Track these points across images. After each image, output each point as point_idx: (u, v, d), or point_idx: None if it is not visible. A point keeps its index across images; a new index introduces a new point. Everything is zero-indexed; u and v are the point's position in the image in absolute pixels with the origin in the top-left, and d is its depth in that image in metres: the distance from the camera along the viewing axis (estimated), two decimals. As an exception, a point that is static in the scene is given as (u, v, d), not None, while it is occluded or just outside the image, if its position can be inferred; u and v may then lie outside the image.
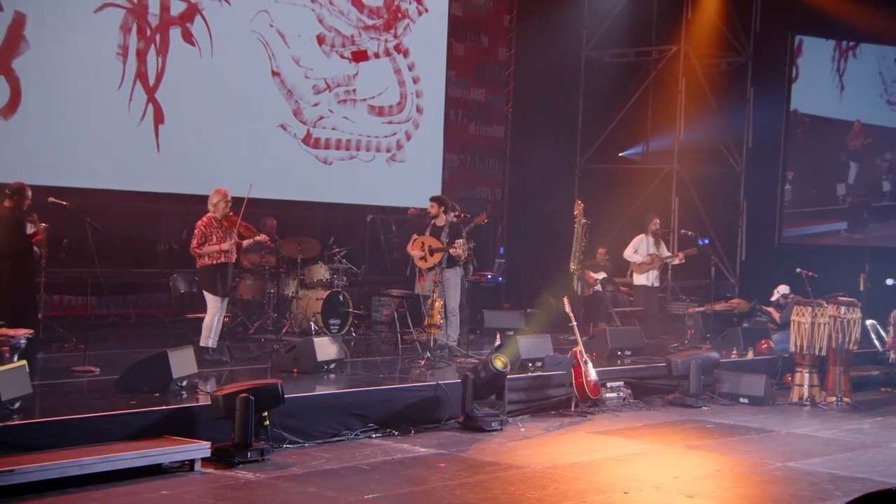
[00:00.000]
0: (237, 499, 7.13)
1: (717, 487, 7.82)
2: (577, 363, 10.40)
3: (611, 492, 7.52)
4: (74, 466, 7.25)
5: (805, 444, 9.55)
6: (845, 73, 17.97)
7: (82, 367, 9.86)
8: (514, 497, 7.31)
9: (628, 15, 17.80)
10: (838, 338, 11.42)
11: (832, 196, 17.98)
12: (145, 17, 13.02)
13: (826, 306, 11.50)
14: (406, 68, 15.98)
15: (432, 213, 11.84)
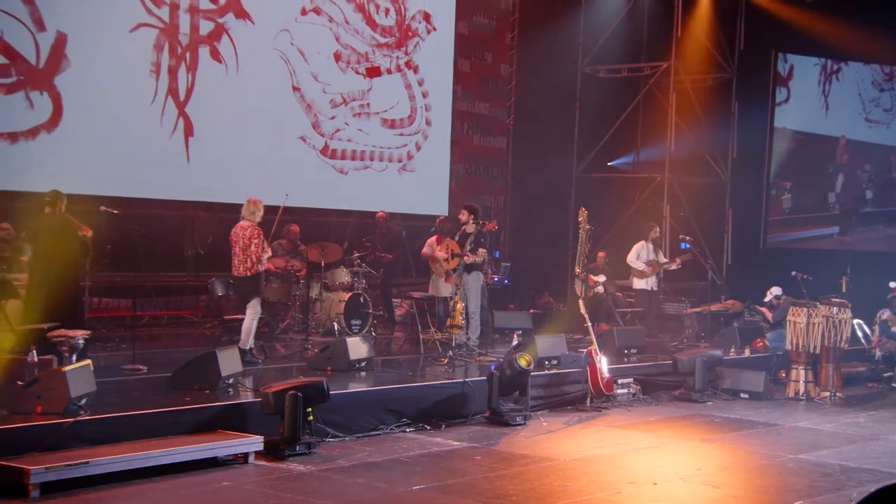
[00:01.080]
0: (294, 490, 7.19)
1: (738, 479, 7.88)
2: (593, 361, 10.52)
3: (640, 483, 7.58)
4: (141, 459, 7.34)
5: (810, 437, 9.62)
6: (830, 94, 18.50)
7: (131, 365, 9.92)
8: (552, 488, 7.38)
9: (621, 33, 17.97)
10: (831, 336, 11.57)
11: (825, 204, 18.46)
12: (176, 37, 13.08)
13: (820, 307, 11.64)
14: (416, 83, 16.08)
15: (462, 220, 11.88)
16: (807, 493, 7.38)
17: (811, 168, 18.41)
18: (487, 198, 17.57)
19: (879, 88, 18.63)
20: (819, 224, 18.32)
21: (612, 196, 18.15)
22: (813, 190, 18.44)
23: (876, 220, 18.44)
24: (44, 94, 11.92)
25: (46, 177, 11.83)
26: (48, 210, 9.78)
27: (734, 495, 7.37)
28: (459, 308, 11.30)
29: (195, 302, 14.19)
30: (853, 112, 18.37)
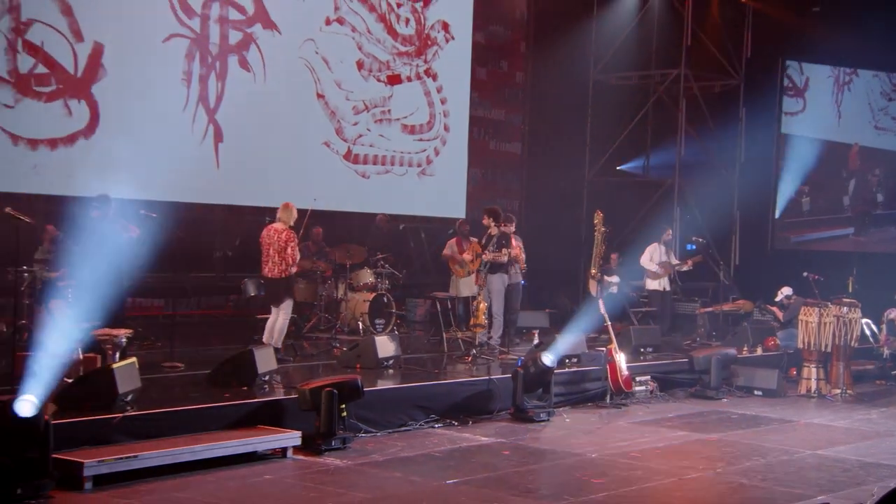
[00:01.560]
0: (333, 483, 7.26)
1: (761, 474, 7.87)
2: (612, 359, 10.59)
3: (668, 477, 7.63)
4: (187, 453, 7.43)
5: (825, 433, 9.66)
6: (842, 104, 18.70)
7: (169, 362, 9.99)
8: (581, 482, 7.44)
9: (632, 42, 17.99)
10: (842, 335, 11.61)
11: (840, 206, 18.68)
12: (207, 47, 13.17)
13: (831, 307, 11.69)
14: (435, 90, 16.15)
15: (486, 224, 11.95)
16: (829, 488, 7.41)
17: (826, 173, 18.66)
18: (503, 201, 17.57)
19: (888, 98, 18.89)
20: (835, 225, 18.53)
21: (623, 199, 18.14)
22: (829, 193, 18.68)
23: (886, 222, 18.67)
24: (81, 102, 12.03)
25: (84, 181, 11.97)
26: (96, 213, 9.89)
27: (759, 490, 7.40)
28: (483, 308, 11.37)
29: (224, 302, 14.28)
30: (864, 120, 18.65)
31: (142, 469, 7.12)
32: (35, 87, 11.59)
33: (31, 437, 6.64)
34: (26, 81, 11.49)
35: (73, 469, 6.84)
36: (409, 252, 16.30)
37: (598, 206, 15.66)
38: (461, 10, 16.44)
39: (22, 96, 11.47)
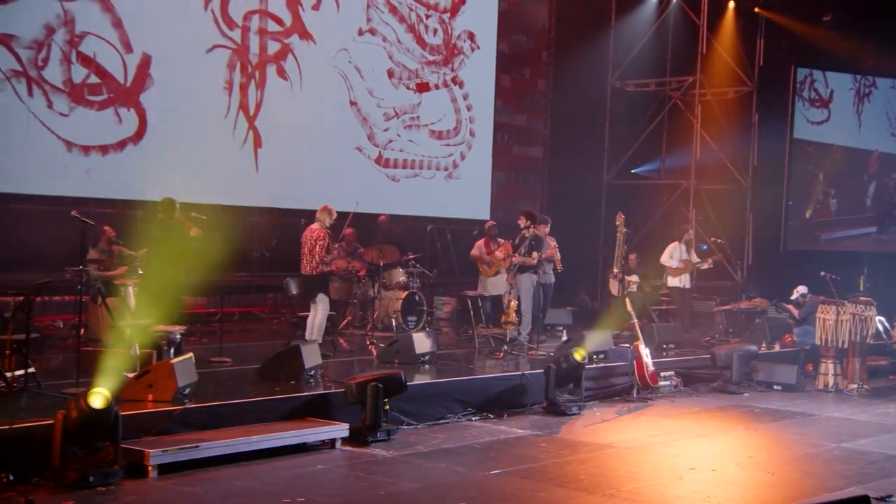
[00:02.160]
0: (382, 473, 7.32)
1: (790, 466, 7.89)
2: (639, 355, 10.64)
3: (700, 469, 7.63)
4: (244, 444, 7.53)
5: (847, 426, 9.64)
6: (862, 113, 19.02)
7: (218, 357, 10.10)
8: (617, 473, 7.48)
9: (649, 50, 18.06)
10: (858, 332, 11.62)
11: (863, 207, 19.00)
12: (247, 57, 13.29)
13: (848, 305, 11.70)
14: (461, 98, 16.24)
15: (522, 226, 12.00)
16: (857, 480, 7.41)
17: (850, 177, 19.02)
18: (525, 203, 17.62)
19: None
20: (860, 225, 18.85)
21: (639, 201, 18.20)
22: (852, 196, 19.01)
23: None
24: (130, 110, 12.18)
25: (133, 185, 12.18)
26: (161, 216, 10.02)
27: (790, 481, 7.41)
28: (513, 306, 11.44)
29: (262, 300, 14.37)
30: (882, 128, 19.03)
31: (202, 459, 7.21)
32: (88, 97, 11.74)
33: (102, 427, 6.76)
34: (80, 91, 11.63)
35: (138, 458, 6.95)
36: (435, 252, 16.40)
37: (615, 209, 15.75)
38: (486, 21, 16.53)
39: (76, 105, 11.62)
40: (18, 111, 11.12)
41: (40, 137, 11.32)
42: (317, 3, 14.10)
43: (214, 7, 12.90)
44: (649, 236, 16.60)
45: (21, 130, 11.16)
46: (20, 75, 11.10)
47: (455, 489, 6.88)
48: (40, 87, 11.27)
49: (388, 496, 6.70)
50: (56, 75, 11.41)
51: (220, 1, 12.98)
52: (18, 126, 11.14)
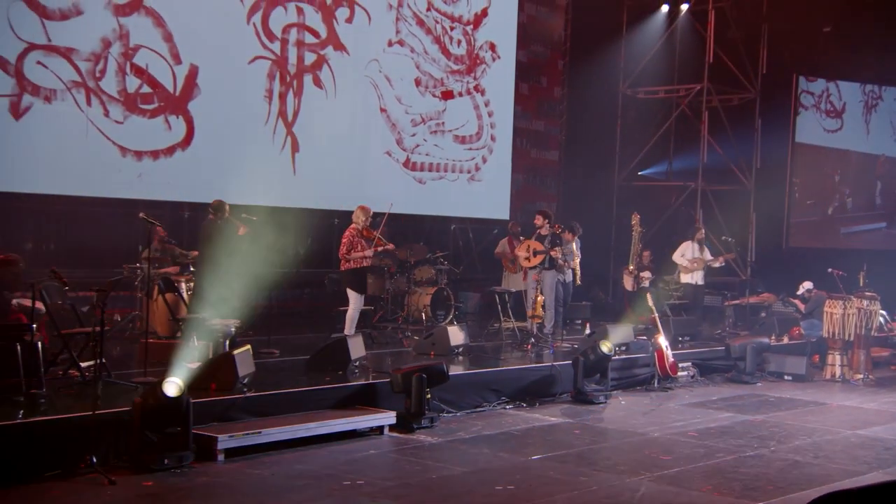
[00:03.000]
0: (431, 458, 7.42)
1: (812, 452, 7.88)
2: (660, 347, 10.74)
3: (728, 454, 7.69)
4: (302, 430, 7.66)
5: (859, 414, 9.68)
6: (870, 122, 19.48)
7: (266, 349, 10.20)
8: (651, 459, 7.54)
9: (658, 59, 18.16)
10: (863, 325, 11.70)
11: (873, 205, 19.44)
12: (286, 67, 13.37)
13: (854, 299, 11.78)
14: (483, 104, 16.30)
15: (538, 224, 12.09)
16: (877, 465, 7.46)
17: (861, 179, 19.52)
18: (542, 204, 17.72)
19: None
20: (871, 220, 19.30)
21: (649, 202, 18.27)
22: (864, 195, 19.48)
23: None
24: (179, 118, 12.26)
25: (181, 188, 12.31)
26: (211, 217, 10.14)
27: (815, 467, 7.42)
28: (540, 300, 11.54)
29: (300, 295, 14.47)
30: (887, 135, 19.53)
31: (264, 444, 7.35)
32: (140, 105, 11.83)
33: (175, 414, 6.90)
34: (133, 100, 11.74)
35: (207, 442, 7.09)
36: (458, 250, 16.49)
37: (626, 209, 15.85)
38: (506, 32, 16.59)
39: (129, 113, 11.72)
40: (78, 119, 11.23)
41: (97, 143, 11.43)
42: (350, 17, 14.18)
43: (256, 21, 12.99)
44: (658, 235, 16.66)
45: (80, 137, 11.27)
46: (79, 86, 11.21)
47: (502, 474, 6.96)
48: (97, 96, 11.38)
49: (441, 480, 6.81)
50: (112, 85, 11.51)
51: (262, 15, 13.06)
52: (78, 133, 11.25)
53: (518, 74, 16.84)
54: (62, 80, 11.06)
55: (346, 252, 10.90)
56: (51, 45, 10.93)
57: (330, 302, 12.86)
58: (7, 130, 10.64)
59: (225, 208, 10.15)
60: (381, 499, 6.31)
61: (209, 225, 10.11)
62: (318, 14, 13.74)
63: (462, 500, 6.32)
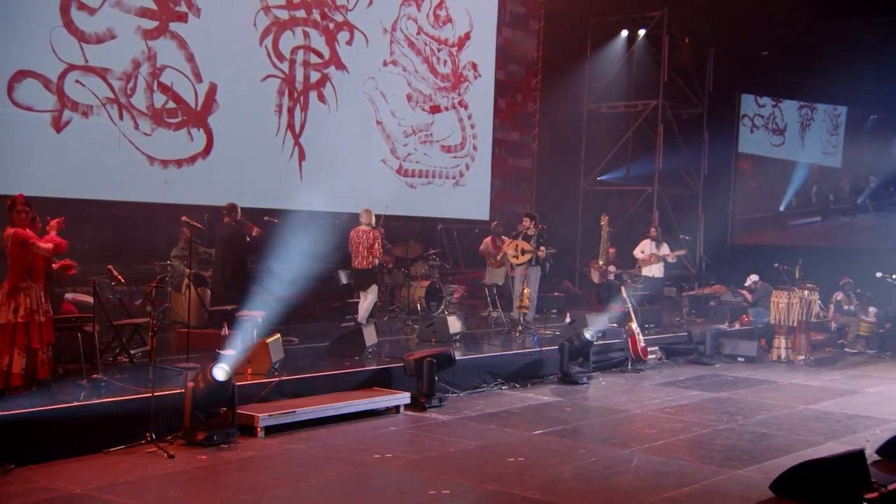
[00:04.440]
0: (446, 433, 7.53)
1: (775, 425, 8.05)
2: (633, 333, 10.96)
3: (703, 428, 7.86)
4: (331, 409, 7.77)
5: (807, 391, 9.89)
6: (805, 137, 20.08)
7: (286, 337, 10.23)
8: (638, 433, 7.69)
9: (618, 78, 18.44)
10: (804, 313, 12.01)
11: (811, 203, 20.02)
12: (293, 84, 13.39)
13: (797, 290, 12.08)
14: (466, 118, 16.42)
15: (525, 226, 12.24)
16: (831, 435, 7.67)
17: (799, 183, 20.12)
18: (518, 206, 17.92)
19: (830, 133, 20.28)
20: (809, 215, 19.99)
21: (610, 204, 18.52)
22: (802, 196, 20.05)
23: (836, 214, 20.11)
24: (200, 130, 12.24)
25: (202, 193, 12.28)
26: (226, 220, 10.16)
27: (780, 437, 7.60)
28: (527, 293, 11.70)
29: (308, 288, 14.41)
30: (819, 148, 20.13)
31: (297, 421, 7.45)
32: (166, 119, 11.79)
33: (222, 396, 6.98)
34: (160, 114, 11.70)
35: (249, 421, 7.19)
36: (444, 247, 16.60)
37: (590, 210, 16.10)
38: (486, 54, 16.73)
39: (156, 126, 11.68)
40: (111, 131, 11.19)
41: (128, 153, 11.40)
42: (350, 40, 14.24)
43: (267, 44, 13.01)
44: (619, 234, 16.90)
45: (113, 147, 11.23)
46: (113, 102, 11.17)
47: (510, 447, 7.10)
48: (129, 111, 11.34)
49: (458, 453, 6.94)
50: (141, 101, 11.48)
51: (272, 38, 13.08)
52: (111, 144, 11.21)
53: (496, 91, 16.99)
54: (97, 97, 11.01)
55: (380, 252, 10.95)
56: (88, 66, 10.88)
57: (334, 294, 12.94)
58: (49, 142, 10.58)
59: (237, 210, 10.18)
60: (411, 470, 6.45)
61: (224, 226, 10.13)
62: (321, 37, 13.79)
63: (480, 470, 6.45)
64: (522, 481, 6.16)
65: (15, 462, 6.06)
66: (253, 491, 5.88)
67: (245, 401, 7.46)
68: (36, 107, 10.44)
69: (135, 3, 11.32)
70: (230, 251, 10.13)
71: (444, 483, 6.08)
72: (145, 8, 11.44)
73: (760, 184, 19.65)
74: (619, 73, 18.34)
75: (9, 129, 10.18)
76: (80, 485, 5.84)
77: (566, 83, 18.14)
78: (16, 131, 10.25)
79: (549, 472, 6.40)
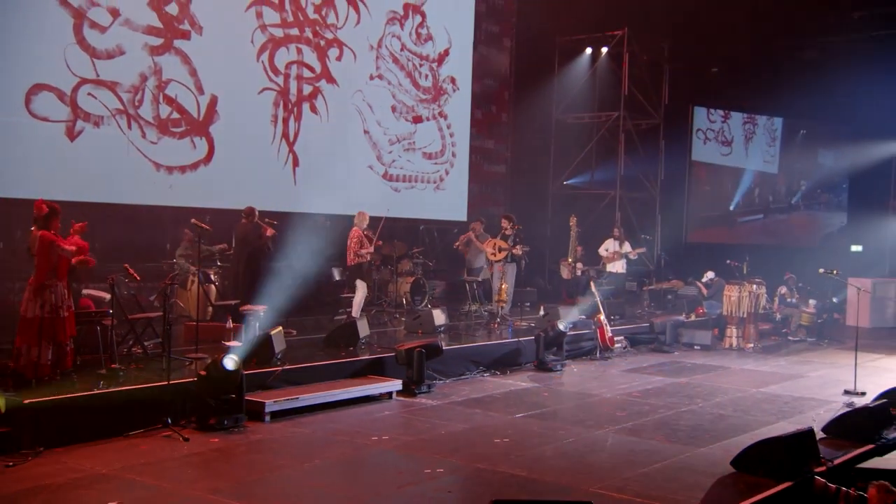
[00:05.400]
0: (436, 417, 7.59)
1: (731, 406, 8.19)
2: (601, 324, 11.09)
3: (669, 410, 7.99)
4: (330, 396, 7.81)
5: (757, 376, 10.03)
6: (749, 147, 20.55)
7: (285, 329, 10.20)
8: (611, 415, 7.78)
9: (584, 92, 18.54)
10: (753, 305, 12.23)
11: (755, 203, 20.54)
12: (288, 97, 13.36)
13: (746, 284, 12.30)
14: (446, 127, 16.46)
15: (504, 227, 12.32)
16: (781, 416, 7.83)
17: (744, 186, 20.65)
18: (493, 208, 18.00)
19: (768, 144, 20.81)
20: (753, 213, 20.52)
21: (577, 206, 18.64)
22: (747, 197, 20.57)
23: (775, 212, 20.71)
24: (202, 139, 12.17)
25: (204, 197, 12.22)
26: (244, 221, 10.15)
27: (736, 418, 7.75)
28: (504, 288, 11.80)
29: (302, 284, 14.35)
30: (760, 157, 20.66)
31: (300, 407, 7.49)
32: (171, 129, 11.72)
33: (232, 384, 7.00)
34: (165, 124, 11.64)
35: (257, 406, 7.22)
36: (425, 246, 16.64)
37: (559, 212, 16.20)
38: (464, 69, 16.79)
39: (162, 135, 11.61)
40: (120, 140, 11.12)
41: (136, 160, 11.32)
42: (339, 55, 14.24)
43: (264, 59, 12.98)
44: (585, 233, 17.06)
45: (122, 155, 11.15)
46: (122, 113, 11.09)
47: (496, 429, 7.17)
48: (136, 121, 11.27)
49: (448, 435, 7.02)
50: (148, 112, 11.41)
51: (268, 54, 13.05)
52: (120, 152, 11.13)
53: (473, 103, 17.04)
54: (108, 108, 10.93)
55: (357, 249, 10.99)
56: (99, 80, 10.79)
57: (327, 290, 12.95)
58: (63, 150, 10.50)
59: (255, 213, 10.19)
60: (406, 451, 6.52)
61: (242, 227, 10.13)
62: (313, 53, 13.77)
63: (470, 451, 6.54)
64: (509, 460, 6.25)
65: (44, 445, 6.05)
66: (264, 471, 5.92)
67: (252, 388, 7.48)
68: (51, 117, 10.35)
69: (142, 21, 11.24)
70: (245, 249, 10.13)
71: (438, 462, 6.16)
72: (152, 26, 11.38)
73: (713, 188, 20.04)
74: (583, 87, 18.48)
75: (27, 138, 10.10)
76: (104, 465, 5.85)
77: (536, 96, 18.24)
78: (33, 140, 10.16)
79: (532, 452, 6.50)
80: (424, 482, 5.74)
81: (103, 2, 10.79)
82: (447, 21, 16.29)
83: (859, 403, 8.04)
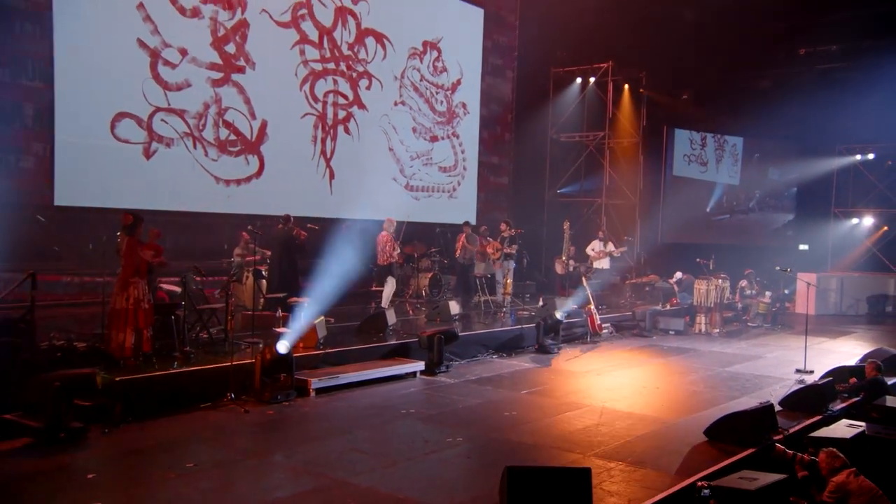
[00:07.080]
0: (454, 393, 7.62)
1: (703, 384, 8.18)
2: (591, 313, 11.11)
3: (649, 385, 8.02)
4: (365, 375, 7.86)
5: (722, 357, 9.98)
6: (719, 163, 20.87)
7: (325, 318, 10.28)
8: (598, 389, 7.83)
9: (574, 115, 18.49)
10: (718, 296, 12.23)
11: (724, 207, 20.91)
12: (325, 120, 13.43)
13: (713, 279, 12.28)
14: (458, 146, 16.49)
15: (503, 230, 12.34)
16: (745, 392, 7.83)
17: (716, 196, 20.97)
18: (497, 213, 18.03)
19: (733, 163, 21.18)
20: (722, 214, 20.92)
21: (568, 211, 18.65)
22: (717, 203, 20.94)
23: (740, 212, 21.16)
24: (254, 157, 12.26)
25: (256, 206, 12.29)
26: (280, 226, 10.23)
27: (708, 394, 7.75)
28: (509, 283, 11.82)
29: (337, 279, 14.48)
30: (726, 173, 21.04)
31: (340, 384, 7.55)
32: (228, 148, 11.81)
33: (284, 364, 7.09)
34: (224, 145, 11.73)
35: (303, 384, 7.30)
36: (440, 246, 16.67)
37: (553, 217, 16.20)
38: (473, 95, 16.82)
39: (221, 154, 11.71)
40: (187, 158, 11.24)
41: (199, 175, 11.43)
42: (369, 85, 14.30)
43: (306, 89, 13.07)
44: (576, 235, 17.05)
45: (188, 170, 11.27)
46: (188, 135, 11.20)
47: (505, 404, 7.21)
48: (200, 142, 11.38)
49: (465, 409, 7.07)
50: (210, 135, 11.52)
51: (309, 85, 13.13)
52: (186, 168, 11.25)
53: (481, 124, 17.06)
54: (177, 132, 11.04)
55: (390, 252, 11.05)
56: (170, 108, 10.91)
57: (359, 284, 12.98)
58: (141, 167, 10.62)
59: (290, 219, 10.26)
60: (430, 423, 6.59)
61: (279, 231, 10.21)
62: (347, 84, 13.84)
63: (484, 423, 6.59)
64: (517, 430, 6.31)
65: (133, 416, 6.16)
66: (315, 439, 6.01)
67: (300, 368, 7.56)
68: (132, 140, 10.47)
69: (205, 59, 11.35)
70: (282, 250, 10.19)
71: (458, 432, 6.23)
72: (213, 63, 11.48)
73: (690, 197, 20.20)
74: (574, 111, 18.46)
75: (112, 158, 10.23)
76: (181, 433, 5.95)
77: (534, 118, 18.24)
78: (117, 159, 10.29)
79: (536, 423, 6.55)
80: (447, 449, 5.81)
81: (174, 43, 10.90)
82: (459, 56, 16.34)
83: (809, 380, 8.05)
